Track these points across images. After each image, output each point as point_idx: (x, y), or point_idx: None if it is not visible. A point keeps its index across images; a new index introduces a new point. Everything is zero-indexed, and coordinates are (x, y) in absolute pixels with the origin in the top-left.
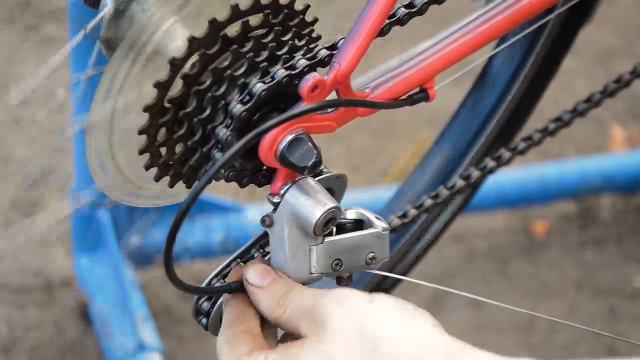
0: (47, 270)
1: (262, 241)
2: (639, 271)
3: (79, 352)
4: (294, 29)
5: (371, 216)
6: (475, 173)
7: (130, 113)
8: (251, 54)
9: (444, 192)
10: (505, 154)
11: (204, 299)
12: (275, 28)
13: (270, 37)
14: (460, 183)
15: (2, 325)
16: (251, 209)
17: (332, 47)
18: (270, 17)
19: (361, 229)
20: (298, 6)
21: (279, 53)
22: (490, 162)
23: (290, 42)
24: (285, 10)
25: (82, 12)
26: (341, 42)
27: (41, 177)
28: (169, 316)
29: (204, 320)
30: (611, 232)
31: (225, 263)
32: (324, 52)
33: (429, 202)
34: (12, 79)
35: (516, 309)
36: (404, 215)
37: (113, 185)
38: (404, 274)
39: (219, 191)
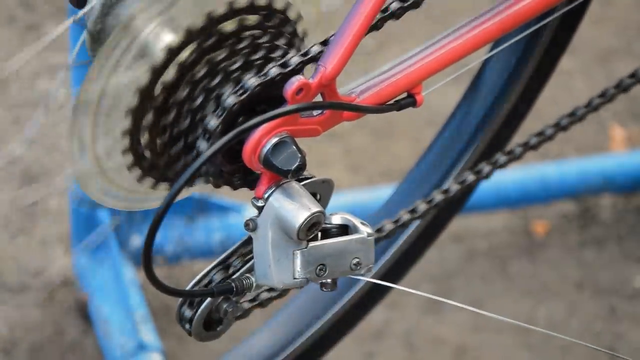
0: (47, 270)
1: (244, 249)
2: (639, 271)
3: (79, 352)
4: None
5: (356, 221)
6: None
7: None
8: (246, 50)
9: (438, 196)
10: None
11: (185, 305)
12: (269, 31)
13: (264, 39)
14: (455, 187)
15: (2, 325)
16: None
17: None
18: (264, 20)
19: (347, 234)
20: (292, 15)
21: (272, 55)
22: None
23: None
24: (281, 16)
25: None
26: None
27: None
28: (169, 316)
29: (187, 326)
30: (611, 232)
31: (205, 271)
32: (316, 49)
33: (422, 206)
34: (12, 79)
35: (508, 320)
36: (396, 221)
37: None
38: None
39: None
